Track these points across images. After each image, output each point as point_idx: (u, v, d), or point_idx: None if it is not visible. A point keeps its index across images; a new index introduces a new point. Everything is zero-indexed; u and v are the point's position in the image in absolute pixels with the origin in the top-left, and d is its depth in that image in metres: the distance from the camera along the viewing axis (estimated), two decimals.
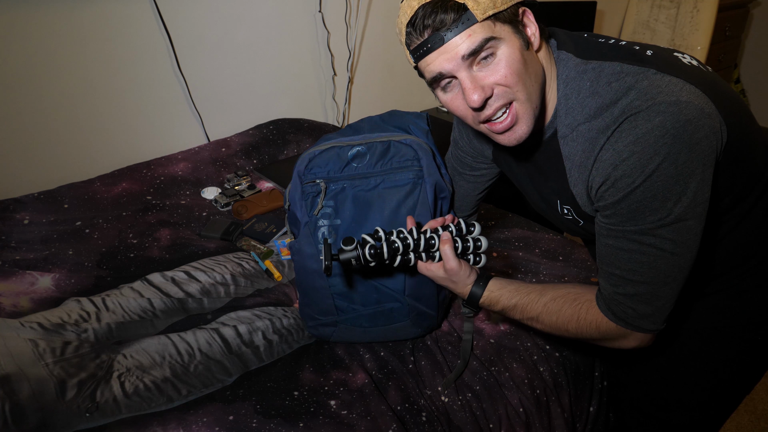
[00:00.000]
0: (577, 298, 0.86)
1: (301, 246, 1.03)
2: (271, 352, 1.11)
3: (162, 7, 1.72)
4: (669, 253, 0.74)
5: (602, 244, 0.80)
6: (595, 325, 0.83)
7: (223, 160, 1.83)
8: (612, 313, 0.81)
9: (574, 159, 0.81)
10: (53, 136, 1.69)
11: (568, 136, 0.81)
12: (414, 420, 0.98)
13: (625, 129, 0.72)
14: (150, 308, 1.21)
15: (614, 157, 0.73)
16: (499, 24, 0.74)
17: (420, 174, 1.01)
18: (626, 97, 0.73)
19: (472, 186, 1.13)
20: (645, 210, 0.73)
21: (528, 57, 0.77)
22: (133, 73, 1.77)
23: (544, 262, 1.36)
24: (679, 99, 0.70)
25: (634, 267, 0.77)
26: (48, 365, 1.04)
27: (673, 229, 0.73)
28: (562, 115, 0.82)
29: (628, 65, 0.76)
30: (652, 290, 0.77)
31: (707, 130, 0.70)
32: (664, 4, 3.04)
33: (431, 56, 0.76)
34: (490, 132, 0.82)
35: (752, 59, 3.70)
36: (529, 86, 0.77)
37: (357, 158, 1.01)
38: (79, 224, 1.49)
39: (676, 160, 0.69)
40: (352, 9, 2.18)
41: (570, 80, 0.80)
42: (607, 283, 0.81)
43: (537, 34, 0.79)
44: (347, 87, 2.32)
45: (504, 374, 1.07)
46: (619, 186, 0.73)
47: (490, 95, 0.76)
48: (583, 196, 0.83)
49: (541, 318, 0.88)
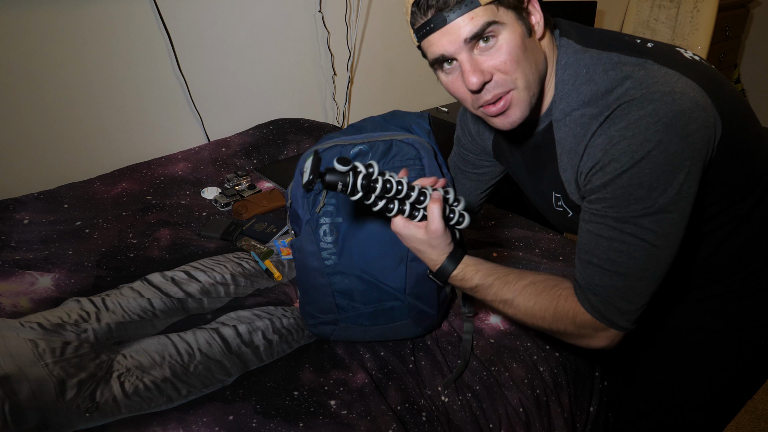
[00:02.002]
0: (557, 284, 0.84)
1: (302, 243, 1.03)
2: (271, 352, 1.10)
3: (162, 7, 1.72)
4: (648, 244, 0.74)
5: (583, 230, 0.79)
6: (572, 314, 0.81)
7: (223, 160, 1.83)
8: (589, 304, 0.79)
9: (565, 144, 0.81)
10: (53, 136, 1.69)
11: (561, 121, 0.82)
12: (414, 420, 0.98)
13: (617, 115, 0.72)
14: (150, 308, 1.21)
15: (606, 143, 0.73)
16: (502, 9, 0.74)
17: (422, 173, 1.01)
18: (621, 86, 0.73)
19: (475, 185, 1.13)
20: (630, 197, 0.72)
21: (529, 44, 0.78)
22: (133, 73, 1.77)
23: (545, 262, 1.36)
24: (674, 89, 0.71)
25: (612, 256, 0.76)
26: (48, 365, 1.04)
27: (655, 219, 0.72)
28: (558, 100, 0.82)
29: (626, 56, 0.76)
30: (628, 284, 0.76)
31: (700, 123, 0.70)
32: (664, 4, 3.04)
33: (434, 37, 0.76)
34: (485, 115, 0.82)
35: (752, 59, 3.69)
36: (528, 74, 0.78)
37: (359, 157, 1.01)
38: (79, 224, 1.49)
39: (667, 149, 0.69)
40: (352, 9, 2.18)
41: (568, 65, 0.81)
42: (585, 272, 0.79)
43: (541, 22, 0.80)
44: (347, 87, 2.32)
45: (504, 374, 1.07)
46: (608, 170, 0.73)
47: (489, 79, 0.77)
48: (571, 183, 0.82)
49: (517, 302, 0.85)
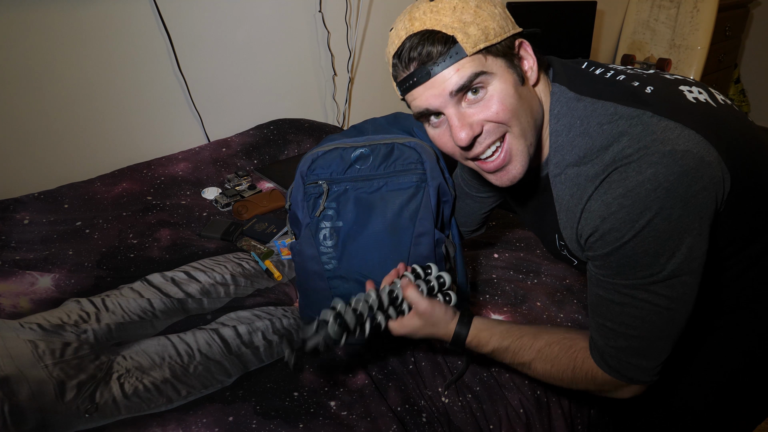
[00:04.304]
0: (572, 345, 0.81)
1: (302, 248, 1.03)
2: (271, 352, 1.10)
3: (162, 7, 1.72)
4: (663, 309, 0.70)
5: (593, 294, 0.77)
6: (591, 376, 0.79)
7: (224, 160, 1.83)
8: (606, 365, 0.77)
9: (562, 203, 0.77)
10: (53, 136, 1.68)
11: (556, 177, 0.76)
12: (414, 421, 0.98)
13: (614, 180, 0.67)
14: (150, 308, 1.21)
15: (602, 209, 0.69)
16: (491, 58, 0.70)
17: (423, 177, 1.00)
18: (618, 143, 0.68)
19: (479, 206, 1.10)
20: (636, 265, 0.69)
21: (523, 92, 0.73)
22: (133, 73, 1.76)
23: (545, 263, 1.36)
24: (674, 148, 0.65)
25: (626, 320, 0.73)
26: (47, 367, 1.04)
27: (666, 285, 0.69)
28: (552, 153, 0.77)
29: (622, 107, 0.71)
30: (646, 345, 0.74)
31: (706, 181, 0.66)
32: (664, 4, 3.04)
33: (417, 91, 0.72)
34: (481, 170, 0.78)
35: (752, 59, 3.69)
36: (524, 122, 0.73)
37: (360, 160, 1.01)
38: (79, 224, 1.49)
39: (670, 216, 0.65)
40: (352, 9, 2.18)
41: (561, 116, 0.75)
42: (599, 335, 0.77)
43: (535, 67, 0.75)
44: (347, 87, 2.32)
45: (504, 375, 1.07)
46: (608, 239, 0.69)
47: (479, 133, 0.72)
48: (572, 241, 0.78)
49: (534, 365, 0.83)
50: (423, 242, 1.01)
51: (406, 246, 1.01)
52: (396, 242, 1.01)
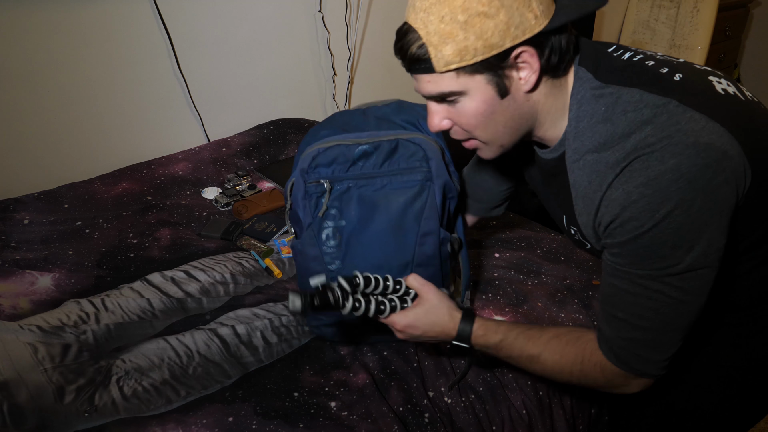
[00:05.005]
0: (580, 337, 0.82)
1: (303, 247, 1.01)
2: (271, 352, 1.10)
3: (162, 7, 1.71)
4: (676, 301, 0.70)
5: (607, 284, 0.76)
6: (600, 368, 0.79)
7: (224, 160, 1.83)
8: (615, 357, 0.77)
9: (580, 189, 0.76)
10: (53, 136, 1.68)
11: (575, 162, 0.76)
12: (416, 422, 0.97)
13: (636, 168, 0.67)
14: (149, 308, 1.20)
15: (623, 198, 0.68)
16: (465, 76, 0.70)
17: (429, 176, 0.97)
18: (641, 131, 0.67)
19: (495, 181, 1.10)
20: (653, 255, 0.68)
21: (503, 105, 0.73)
22: (133, 73, 1.76)
23: (546, 263, 1.35)
24: (698, 140, 0.65)
25: (639, 311, 0.73)
26: (46, 371, 1.03)
27: (682, 277, 0.69)
28: (571, 138, 0.76)
29: (648, 94, 0.70)
30: (657, 337, 0.74)
31: (727, 175, 0.65)
32: (664, 4, 3.04)
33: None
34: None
35: (752, 59, 3.69)
36: (494, 131, 0.76)
37: (363, 157, 0.98)
38: (79, 224, 1.48)
39: (690, 208, 0.65)
40: (352, 9, 2.18)
41: (584, 102, 0.74)
42: (609, 326, 0.77)
43: (534, 76, 0.71)
44: (347, 87, 2.32)
45: (507, 375, 1.06)
46: (627, 228, 0.69)
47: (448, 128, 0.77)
48: (588, 228, 0.77)
49: (544, 356, 0.83)
50: (428, 242, 1.00)
51: (410, 246, 0.99)
52: (400, 242, 0.99)
